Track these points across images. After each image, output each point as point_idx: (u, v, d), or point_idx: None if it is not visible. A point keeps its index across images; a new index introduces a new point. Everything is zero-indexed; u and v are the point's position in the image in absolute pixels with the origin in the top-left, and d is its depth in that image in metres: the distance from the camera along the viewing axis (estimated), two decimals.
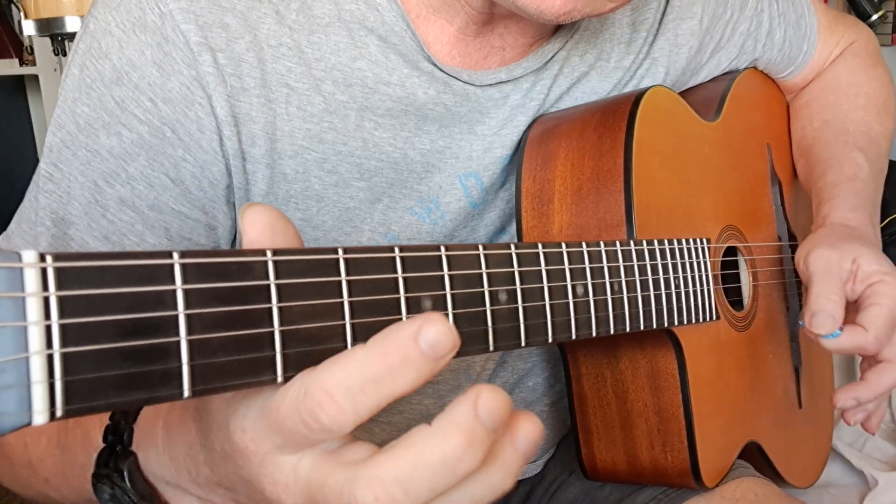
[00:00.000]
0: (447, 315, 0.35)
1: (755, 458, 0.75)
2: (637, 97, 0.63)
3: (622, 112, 0.62)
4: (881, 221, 1.54)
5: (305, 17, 0.56)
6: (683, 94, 0.78)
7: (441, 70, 0.60)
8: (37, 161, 0.57)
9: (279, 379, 0.30)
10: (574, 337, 0.45)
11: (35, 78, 2.61)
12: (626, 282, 0.51)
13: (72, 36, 1.57)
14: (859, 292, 0.67)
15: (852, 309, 0.68)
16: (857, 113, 0.86)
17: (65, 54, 1.68)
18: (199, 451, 0.35)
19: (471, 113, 0.63)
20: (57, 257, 0.24)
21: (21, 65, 2.53)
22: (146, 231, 0.55)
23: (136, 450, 0.38)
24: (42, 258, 0.23)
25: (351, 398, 0.28)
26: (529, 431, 0.31)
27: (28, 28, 1.53)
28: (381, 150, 0.59)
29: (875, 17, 1.49)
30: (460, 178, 0.64)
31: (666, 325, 0.57)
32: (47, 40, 1.73)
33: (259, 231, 0.31)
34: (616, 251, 0.51)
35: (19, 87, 2.77)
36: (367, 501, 0.29)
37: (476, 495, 0.31)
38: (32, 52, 2.52)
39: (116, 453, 0.39)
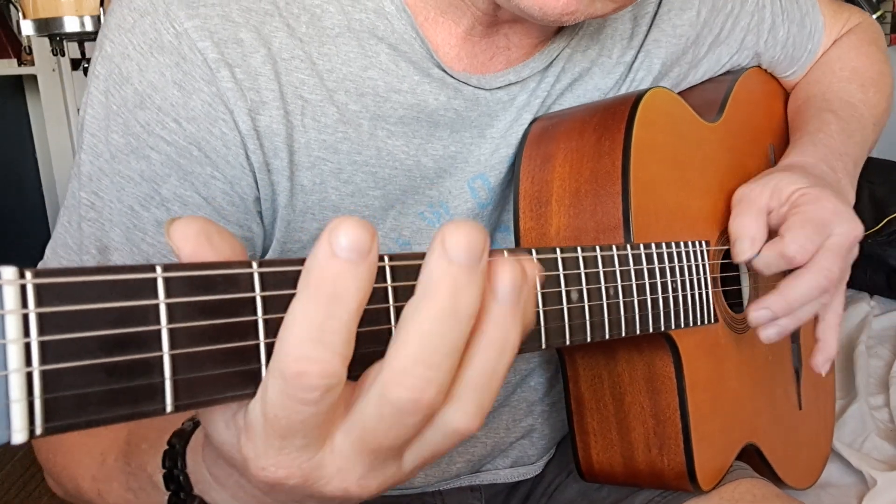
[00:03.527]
0: None
1: (753, 460, 0.75)
2: (636, 98, 0.62)
3: (621, 113, 0.62)
4: (880, 221, 1.54)
5: (315, 29, 0.56)
6: (685, 94, 0.77)
7: (451, 76, 0.60)
8: (35, 161, 0.58)
9: None
10: (568, 343, 0.45)
11: (33, 78, 2.61)
12: (623, 286, 0.51)
13: (70, 36, 1.57)
14: (784, 214, 0.65)
15: None
16: (840, 84, 0.85)
17: (63, 54, 1.67)
18: (247, 486, 0.35)
19: (481, 117, 0.63)
20: (37, 273, 0.24)
21: (20, 65, 2.54)
22: None
23: (202, 493, 0.39)
24: (21, 274, 0.23)
25: (320, 344, 0.28)
26: (507, 276, 0.30)
27: (26, 28, 1.52)
28: (394, 157, 0.60)
29: (873, 17, 1.49)
30: (468, 182, 0.64)
31: (663, 328, 0.56)
32: (46, 40, 1.73)
33: (194, 244, 0.29)
34: (612, 256, 0.50)
35: (18, 87, 2.77)
36: (403, 396, 0.29)
37: (490, 358, 0.31)
38: (31, 53, 2.52)
39: (183, 501, 0.40)
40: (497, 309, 0.30)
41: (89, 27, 1.49)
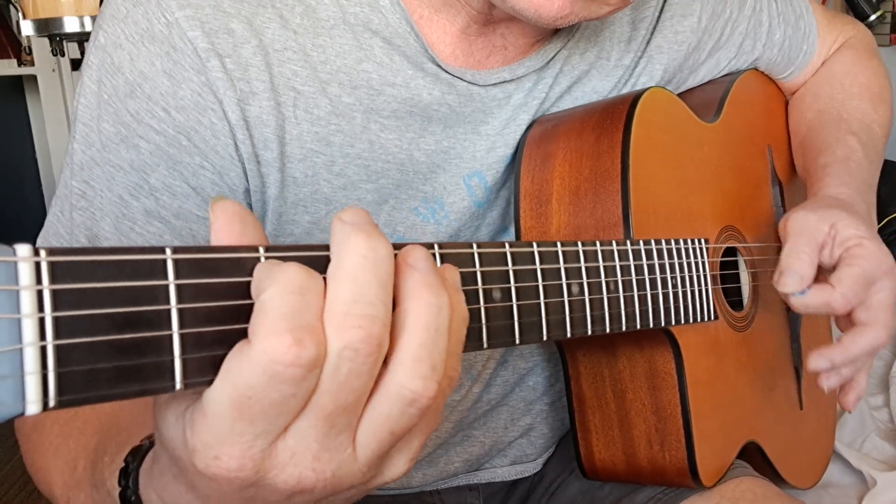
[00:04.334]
0: None
1: (755, 458, 0.75)
2: (635, 98, 0.63)
3: (620, 113, 0.62)
4: (880, 222, 1.54)
5: (310, 21, 0.57)
6: (683, 95, 0.78)
7: (445, 71, 0.60)
8: (35, 161, 0.58)
9: None
10: (569, 335, 0.45)
11: (33, 78, 2.62)
12: (623, 281, 0.51)
13: (70, 36, 1.57)
14: (837, 257, 0.66)
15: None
16: (852, 101, 0.86)
17: (63, 55, 1.68)
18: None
19: (475, 113, 0.63)
20: (51, 251, 0.24)
21: (19, 65, 2.55)
22: (175, 240, 0.55)
23: None
24: (36, 252, 0.24)
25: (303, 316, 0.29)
26: (417, 250, 0.33)
27: (26, 28, 1.53)
28: (387, 151, 0.60)
29: (873, 17, 1.50)
30: (464, 179, 0.64)
31: (663, 324, 0.57)
32: (45, 41, 1.73)
33: (228, 218, 0.31)
34: (612, 250, 0.51)
35: (18, 88, 2.77)
36: (354, 336, 0.29)
37: (430, 314, 0.32)
38: (31, 53, 2.53)
39: None
40: (417, 275, 0.32)
41: (89, 27, 1.50)
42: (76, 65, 2.58)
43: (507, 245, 0.41)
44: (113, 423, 0.49)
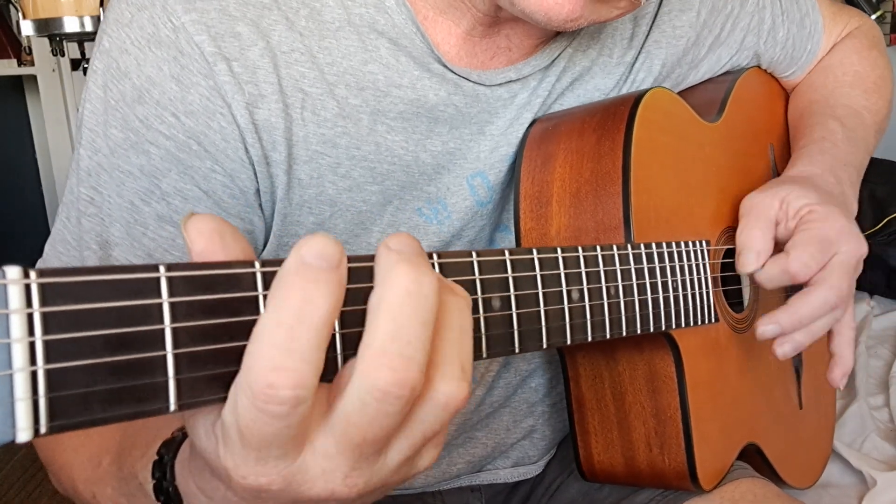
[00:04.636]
0: None
1: (754, 459, 0.75)
2: (636, 99, 0.62)
3: (621, 114, 0.62)
4: (879, 221, 1.54)
5: (315, 23, 0.56)
6: (685, 94, 0.77)
7: (451, 71, 0.60)
8: (35, 161, 0.58)
9: None
10: (569, 342, 0.45)
11: (33, 78, 2.62)
12: (623, 286, 0.51)
13: (70, 36, 1.57)
14: (792, 228, 0.66)
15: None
16: (842, 89, 0.86)
17: (63, 55, 1.67)
18: (233, 499, 0.35)
19: (480, 114, 0.63)
20: (41, 273, 0.24)
21: (19, 65, 2.54)
22: None
23: None
24: (26, 274, 0.23)
25: (290, 353, 0.28)
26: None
27: (26, 28, 1.53)
28: (393, 153, 0.60)
29: (873, 17, 1.49)
30: (467, 179, 0.64)
31: (664, 328, 0.56)
32: (45, 40, 1.73)
33: (207, 240, 0.30)
34: (613, 255, 0.50)
35: (18, 88, 2.77)
36: (386, 378, 0.29)
37: (455, 317, 0.32)
38: (31, 53, 2.53)
39: None
40: (445, 285, 0.32)
41: (89, 27, 1.50)
42: (76, 65, 2.58)
43: (506, 252, 0.41)
44: None
